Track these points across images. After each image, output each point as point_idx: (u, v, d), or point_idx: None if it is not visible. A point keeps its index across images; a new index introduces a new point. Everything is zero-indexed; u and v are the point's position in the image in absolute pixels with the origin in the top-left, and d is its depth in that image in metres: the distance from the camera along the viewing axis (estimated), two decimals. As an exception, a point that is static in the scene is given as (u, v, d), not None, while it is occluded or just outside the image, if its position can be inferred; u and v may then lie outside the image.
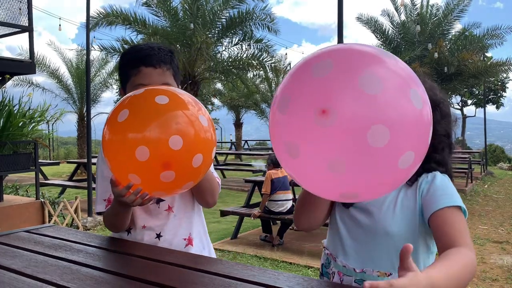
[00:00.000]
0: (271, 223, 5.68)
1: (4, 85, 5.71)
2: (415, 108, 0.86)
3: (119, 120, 1.23)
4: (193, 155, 1.24)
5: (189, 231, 1.54)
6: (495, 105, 27.05)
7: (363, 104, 0.82)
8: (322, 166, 0.87)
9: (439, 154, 1.20)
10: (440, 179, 1.16)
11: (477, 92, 25.35)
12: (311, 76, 0.88)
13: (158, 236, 1.50)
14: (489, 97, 26.23)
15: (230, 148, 23.45)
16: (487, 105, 23.64)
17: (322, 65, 0.88)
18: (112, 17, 11.82)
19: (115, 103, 2.18)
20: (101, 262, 1.25)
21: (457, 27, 18.23)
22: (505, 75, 22.19)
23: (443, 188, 1.13)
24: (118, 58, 1.80)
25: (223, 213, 5.79)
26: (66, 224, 5.79)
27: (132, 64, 1.46)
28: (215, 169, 1.70)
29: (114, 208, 1.41)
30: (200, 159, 1.26)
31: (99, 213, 1.54)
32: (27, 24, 5.88)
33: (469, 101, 27.14)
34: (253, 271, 1.14)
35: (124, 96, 1.30)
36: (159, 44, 1.54)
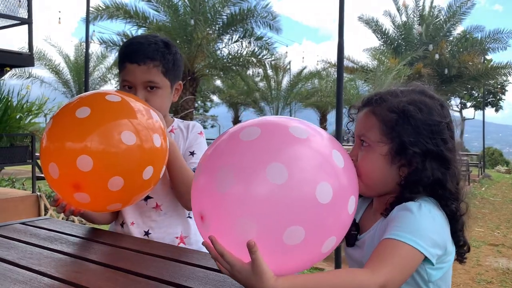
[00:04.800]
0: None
1: (3, 77, 5.69)
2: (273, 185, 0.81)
3: (45, 130, 1.15)
4: (108, 178, 1.09)
5: (181, 230, 1.51)
6: (494, 108, 27.09)
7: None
8: None
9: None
10: (405, 210, 0.95)
11: (476, 95, 25.39)
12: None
13: (147, 233, 1.48)
14: (488, 100, 26.27)
15: (229, 146, 23.35)
16: (486, 108, 23.72)
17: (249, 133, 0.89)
18: (112, 10, 11.81)
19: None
20: (97, 255, 1.25)
21: (459, 29, 18.25)
22: (505, 78, 22.23)
23: (400, 219, 0.93)
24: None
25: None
26: (62, 218, 5.78)
27: (120, 60, 1.44)
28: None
29: None
30: (119, 183, 1.11)
31: None
32: (26, 17, 5.87)
33: (468, 104, 27.17)
34: (248, 267, 1.13)
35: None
36: (156, 38, 1.45)
